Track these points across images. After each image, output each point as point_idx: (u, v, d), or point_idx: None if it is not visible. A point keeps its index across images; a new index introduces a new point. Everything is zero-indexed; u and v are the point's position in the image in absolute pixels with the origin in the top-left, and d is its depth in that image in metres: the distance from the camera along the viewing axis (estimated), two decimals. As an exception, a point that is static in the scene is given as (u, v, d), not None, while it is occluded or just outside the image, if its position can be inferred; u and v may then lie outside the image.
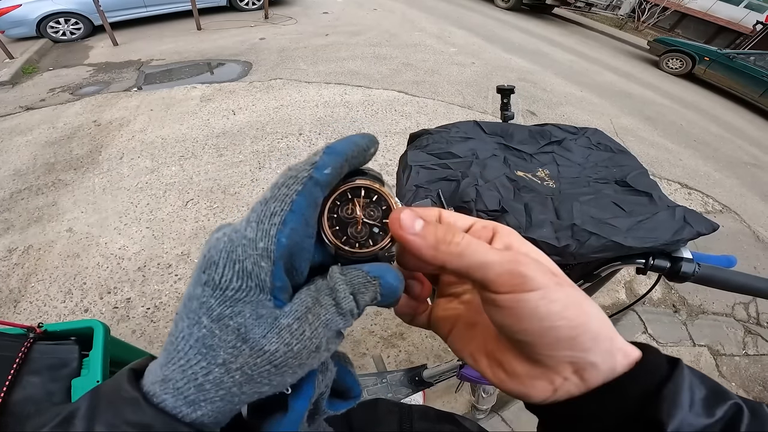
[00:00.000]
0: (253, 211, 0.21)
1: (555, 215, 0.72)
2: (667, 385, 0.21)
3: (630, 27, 12.56)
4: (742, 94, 7.27)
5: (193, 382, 0.20)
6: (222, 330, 0.20)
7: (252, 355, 0.20)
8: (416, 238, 0.23)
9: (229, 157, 3.11)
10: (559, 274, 0.24)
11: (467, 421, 0.51)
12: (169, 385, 0.20)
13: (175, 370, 0.20)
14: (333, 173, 0.22)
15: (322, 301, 0.22)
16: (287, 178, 0.21)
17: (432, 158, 0.88)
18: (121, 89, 4.10)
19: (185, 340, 0.20)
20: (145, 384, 0.21)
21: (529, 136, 0.96)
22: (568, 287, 0.23)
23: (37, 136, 3.26)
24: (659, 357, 0.24)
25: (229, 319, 0.20)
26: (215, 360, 0.20)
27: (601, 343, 0.22)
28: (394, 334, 2.01)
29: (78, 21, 5.54)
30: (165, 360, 0.21)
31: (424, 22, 7.56)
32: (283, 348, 0.20)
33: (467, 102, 4.50)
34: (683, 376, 0.22)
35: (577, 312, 0.22)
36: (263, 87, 4.23)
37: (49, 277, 2.11)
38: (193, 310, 0.20)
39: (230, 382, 0.20)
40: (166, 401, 0.20)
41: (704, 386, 0.23)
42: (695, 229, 0.74)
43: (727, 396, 0.22)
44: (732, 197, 3.76)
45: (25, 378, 0.87)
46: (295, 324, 0.20)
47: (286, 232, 0.20)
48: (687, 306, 2.49)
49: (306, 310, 0.21)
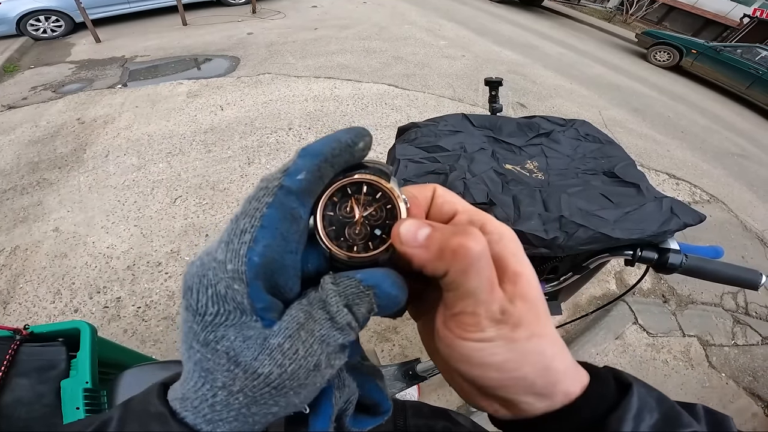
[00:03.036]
0: (225, 231, 0.20)
1: (543, 207, 0.72)
2: (610, 417, 0.22)
3: (618, 20, 12.63)
4: (728, 86, 7.37)
5: (206, 403, 0.19)
6: (213, 354, 0.19)
7: (248, 378, 0.19)
8: (423, 252, 0.21)
9: (218, 153, 3.08)
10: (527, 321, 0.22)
11: (460, 417, 0.51)
12: (187, 404, 0.20)
13: (189, 389, 0.20)
14: (309, 178, 0.20)
15: (316, 315, 0.20)
16: (258, 190, 0.20)
17: (420, 152, 0.87)
18: (105, 86, 4.02)
19: (188, 362, 0.20)
20: (170, 399, 0.21)
21: (517, 128, 0.96)
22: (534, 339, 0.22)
23: (19, 135, 3.18)
24: (606, 387, 0.23)
25: (216, 343, 0.19)
26: (215, 383, 0.19)
27: (537, 390, 0.22)
28: (387, 327, 2.02)
29: (59, 18, 5.42)
30: (183, 378, 0.21)
31: (414, 15, 7.52)
32: (276, 370, 0.19)
33: (458, 95, 4.49)
34: (630, 405, 0.22)
35: (527, 367, 0.22)
36: (251, 82, 4.18)
37: (37, 278, 2.07)
38: (185, 334, 0.20)
39: (236, 404, 0.19)
40: (187, 418, 0.19)
41: (658, 411, 0.22)
42: (682, 220, 0.74)
43: (679, 423, 0.22)
44: (719, 187, 3.81)
45: (13, 380, 0.86)
46: (286, 343, 0.19)
47: (258, 250, 0.19)
48: (676, 296, 2.52)
49: (298, 326, 0.19)
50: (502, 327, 0.21)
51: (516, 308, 0.21)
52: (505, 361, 0.21)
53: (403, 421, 0.50)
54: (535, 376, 0.22)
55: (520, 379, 0.22)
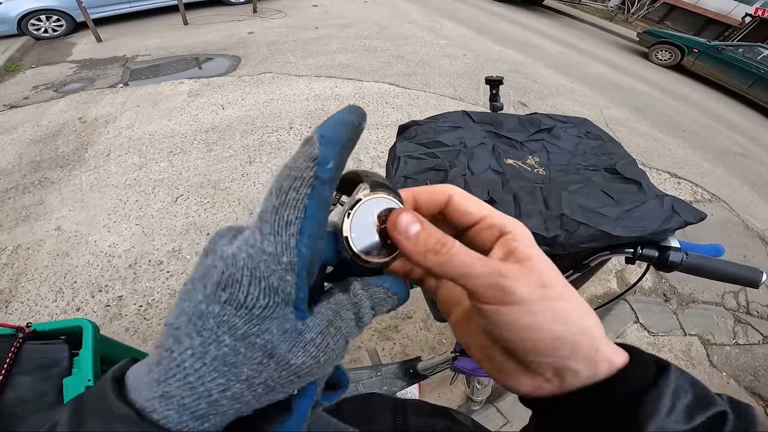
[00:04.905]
0: (264, 222, 0.20)
1: (544, 205, 0.72)
2: (650, 392, 0.22)
3: (620, 19, 12.61)
4: (730, 85, 7.35)
5: (206, 399, 0.19)
6: (248, 348, 0.19)
7: (277, 369, 0.20)
8: (407, 243, 0.24)
9: (219, 151, 3.08)
10: (550, 285, 0.24)
11: (461, 415, 0.51)
12: (172, 402, 0.19)
13: (179, 387, 0.19)
14: (336, 166, 0.21)
15: (344, 315, 0.22)
16: (293, 181, 0.20)
17: (420, 148, 0.87)
18: (107, 86, 4.03)
19: (197, 358, 0.19)
20: (137, 400, 0.19)
21: (518, 124, 0.96)
22: (555, 300, 0.23)
23: (21, 134, 3.19)
24: (645, 365, 0.24)
25: (256, 336, 0.19)
26: (238, 377, 0.19)
27: (582, 352, 0.23)
28: (388, 326, 2.02)
29: (60, 18, 5.42)
30: (162, 376, 0.19)
31: (414, 14, 7.52)
32: (310, 361, 0.20)
33: (458, 94, 4.49)
34: (668, 383, 0.23)
35: (559, 325, 0.23)
36: (252, 81, 4.18)
37: (39, 277, 2.08)
38: (209, 329, 0.19)
39: (251, 395, 0.20)
40: (169, 416, 0.19)
41: (692, 392, 0.23)
42: (683, 218, 0.74)
43: (712, 402, 0.23)
44: (721, 186, 3.81)
45: (16, 378, 0.86)
46: (318, 338, 0.21)
47: (305, 242, 0.20)
48: (677, 295, 2.52)
49: (327, 323, 0.21)
50: (535, 287, 0.23)
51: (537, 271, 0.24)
52: (547, 320, 0.23)
53: (403, 419, 0.50)
54: (580, 337, 0.23)
55: (565, 339, 0.23)
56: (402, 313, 2.09)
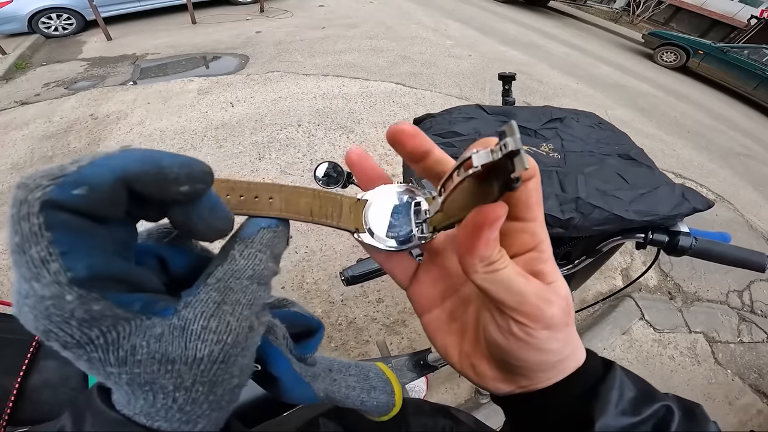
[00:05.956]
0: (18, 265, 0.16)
1: (560, 188, 0.74)
2: (600, 386, 0.25)
3: (625, 20, 12.60)
4: (735, 87, 7.33)
5: (172, 410, 0.18)
6: (139, 366, 0.17)
7: (192, 366, 0.18)
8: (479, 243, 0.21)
9: (229, 148, 3.11)
10: (570, 312, 0.24)
11: (462, 414, 0.52)
12: (157, 416, 0.18)
13: (145, 406, 0.18)
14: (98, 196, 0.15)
15: (234, 286, 0.19)
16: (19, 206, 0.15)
17: (436, 138, 0.90)
18: (117, 83, 4.07)
19: (120, 388, 0.18)
20: (124, 412, 0.19)
21: (531, 114, 0.99)
22: (572, 326, 0.25)
23: (33, 130, 3.23)
24: (596, 360, 0.27)
25: (132, 356, 0.17)
26: (166, 389, 0.18)
27: (564, 363, 0.25)
28: (396, 321, 2.04)
29: (70, 16, 5.48)
30: (126, 400, 0.18)
31: (419, 14, 7.55)
32: (216, 347, 0.18)
33: (464, 93, 4.51)
34: (615, 377, 0.25)
35: (569, 348, 0.24)
36: (261, 79, 4.22)
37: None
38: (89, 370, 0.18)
39: (200, 395, 0.18)
40: (162, 427, 0.18)
41: (635, 388, 0.25)
42: (692, 204, 0.77)
43: (656, 397, 0.25)
44: (725, 187, 3.81)
45: (41, 362, 0.88)
46: (212, 322, 0.18)
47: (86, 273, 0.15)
48: (682, 293, 2.53)
49: (216, 305, 0.19)
50: (565, 315, 0.23)
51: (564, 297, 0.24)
52: (560, 344, 0.23)
53: (404, 420, 0.50)
54: (572, 352, 0.25)
55: (565, 359, 0.25)
56: (409, 308, 2.11)
